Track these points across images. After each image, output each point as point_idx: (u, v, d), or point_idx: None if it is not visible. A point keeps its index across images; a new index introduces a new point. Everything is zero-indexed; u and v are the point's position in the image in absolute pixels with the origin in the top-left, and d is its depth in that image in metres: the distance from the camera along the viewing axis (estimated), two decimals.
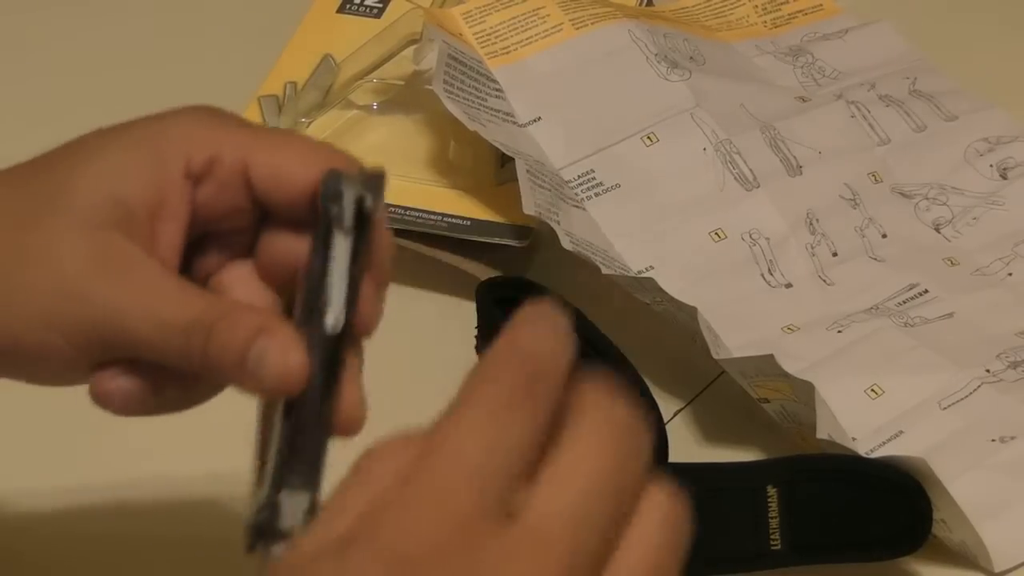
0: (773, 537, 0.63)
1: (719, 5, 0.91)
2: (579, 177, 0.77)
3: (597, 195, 0.77)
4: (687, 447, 0.71)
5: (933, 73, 0.88)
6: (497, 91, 0.79)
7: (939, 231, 0.80)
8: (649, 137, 0.79)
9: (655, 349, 0.74)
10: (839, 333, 0.73)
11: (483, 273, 0.76)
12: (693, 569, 0.65)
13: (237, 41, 0.94)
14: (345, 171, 0.49)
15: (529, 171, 0.75)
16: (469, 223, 0.78)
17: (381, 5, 0.91)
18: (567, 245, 0.73)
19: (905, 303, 0.75)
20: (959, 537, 0.65)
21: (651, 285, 0.71)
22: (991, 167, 0.83)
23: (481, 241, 0.78)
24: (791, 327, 0.73)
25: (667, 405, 0.72)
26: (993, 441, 0.69)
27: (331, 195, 0.48)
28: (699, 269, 0.75)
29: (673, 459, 0.67)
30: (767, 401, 0.70)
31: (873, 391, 0.70)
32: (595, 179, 0.77)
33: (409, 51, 0.85)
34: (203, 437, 0.62)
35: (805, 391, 0.66)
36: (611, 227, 0.76)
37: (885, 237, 0.79)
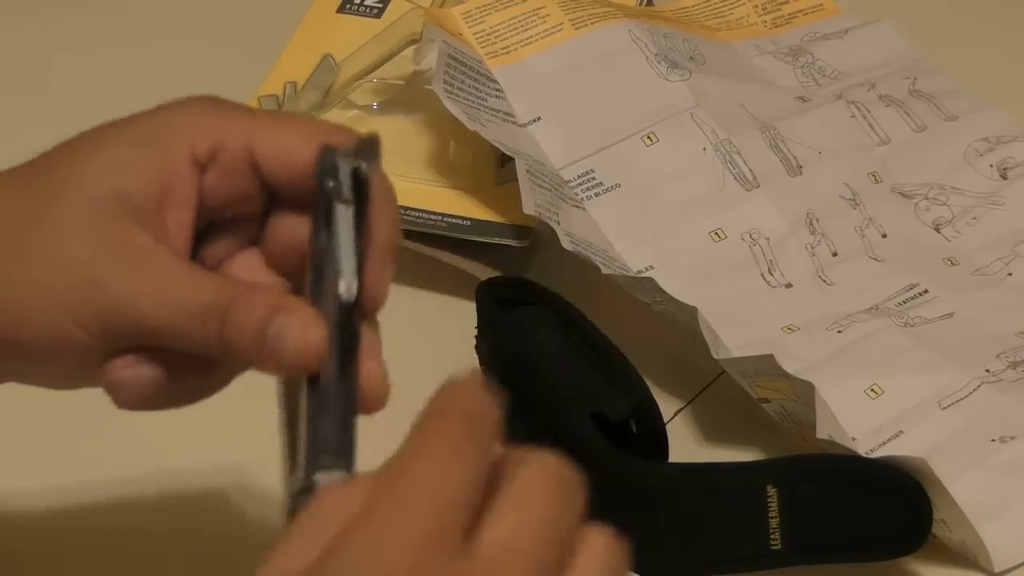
0: (773, 537, 0.63)
1: (719, 5, 0.91)
2: (579, 177, 0.77)
3: (597, 195, 0.77)
4: (687, 447, 0.71)
5: (933, 73, 0.88)
6: (497, 91, 0.79)
7: (939, 231, 0.80)
8: (649, 137, 0.79)
9: (655, 349, 0.74)
10: (839, 333, 0.73)
11: (483, 273, 0.76)
12: (693, 569, 0.65)
13: (237, 41, 0.95)
14: (338, 146, 0.49)
15: (529, 171, 0.75)
16: (469, 223, 0.78)
17: (381, 5, 0.91)
18: (567, 245, 0.73)
19: (905, 303, 0.75)
20: (959, 537, 0.65)
21: (651, 285, 0.71)
22: (991, 167, 0.83)
23: (481, 241, 0.78)
24: (791, 327, 0.73)
25: (667, 405, 0.72)
26: (993, 441, 0.69)
27: (327, 170, 0.48)
28: (699, 269, 0.75)
29: (673, 459, 0.67)
30: (767, 401, 0.70)
31: (873, 391, 0.70)
32: (595, 179, 0.77)
33: (409, 51, 0.85)
34: (205, 432, 0.63)
35: (805, 391, 0.66)
36: (611, 227, 0.76)
37: (885, 237, 0.79)
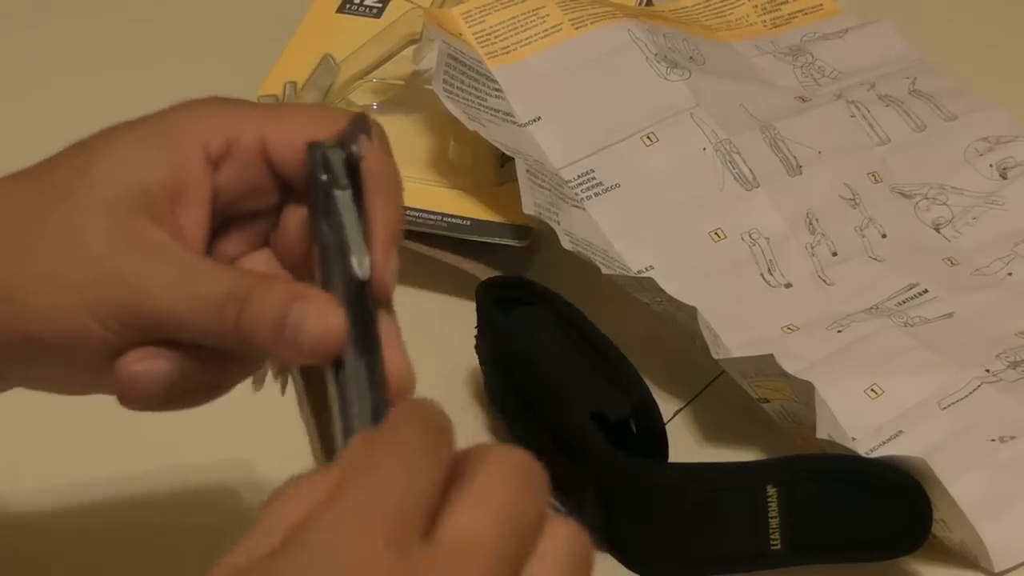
0: (773, 537, 0.63)
1: (719, 5, 0.91)
2: (579, 177, 0.77)
3: (597, 195, 0.77)
4: (687, 447, 0.71)
5: (933, 73, 0.88)
6: (497, 91, 0.79)
7: (939, 231, 0.80)
8: (649, 137, 0.79)
9: (655, 349, 0.74)
10: (839, 333, 0.73)
11: (483, 273, 0.76)
12: (693, 569, 0.65)
13: (237, 41, 0.95)
14: (324, 139, 0.49)
15: (529, 171, 0.75)
16: (469, 223, 0.78)
17: (381, 5, 0.91)
18: (567, 245, 0.73)
19: (905, 303, 0.75)
20: (959, 537, 0.65)
21: (651, 285, 0.71)
22: (991, 167, 0.83)
23: (481, 241, 0.78)
24: (791, 327, 0.73)
25: (667, 405, 0.72)
26: (993, 441, 0.69)
27: (319, 164, 0.48)
28: (699, 269, 0.75)
29: (673, 459, 0.67)
30: (767, 401, 0.70)
31: (873, 391, 0.70)
32: (595, 179, 0.77)
33: (409, 51, 0.85)
34: (209, 429, 0.62)
35: (805, 391, 0.66)
36: (611, 227, 0.76)
37: (885, 237, 0.79)
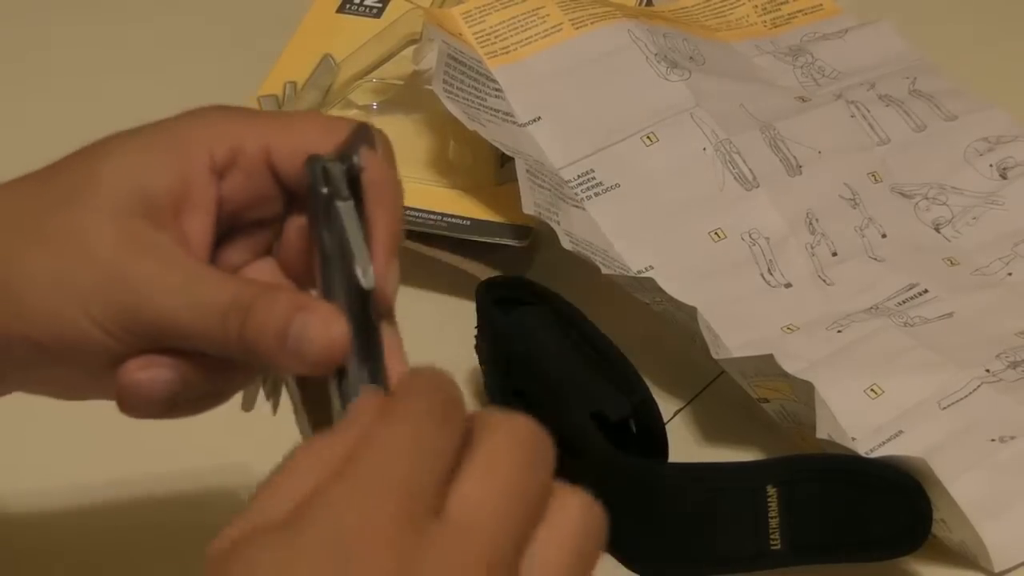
0: (773, 537, 0.63)
1: (719, 5, 0.91)
2: (579, 177, 0.77)
3: (597, 195, 0.77)
4: (687, 447, 0.71)
5: (933, 73, 0.88)
6: (497, 91, 0.79)
7: (939, 231, 0.80)
8: (649, 137, 0.79)
9: (655, 349, 0.74)
10: (839, 333, 0.73)
11: (483, 273, 0.76)
12: (693, 569, 0.65)
13: (237, 41, 0.95)
14: (323, 153, 0.49)
15: (529, 171, 0.75)
16: (469, 223, 0.78)
17: (381, 5, 0.91)
18: (567, 245, 0.73)
19: (905, 303, 0.75)
20: (959, 537, 0.65)
21: (651, 285, 0.71)
22: (991, 167, 0.83)
23: (481, 241, 0.78)
24: (791, 327, 0.73)
25: (667, 405, 0.72)
26: (993, 441, 0.69)
27: (320, 178, 0.48)
28: (699, 269, 0.75)
29: (673, 459, 0.67)
30: (767, 401, 0.70)
31: (873, 391, 0.70)
32: (595, 179, 0.77)
33: (409, 51, 0.85)
34: (207, 434, 0.62)
35: (805, 391, 0.66)
36: (611, 227, 0.76)
37: (885, 237, 0.79)
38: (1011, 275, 0.78)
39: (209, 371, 0.50)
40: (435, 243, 0.78)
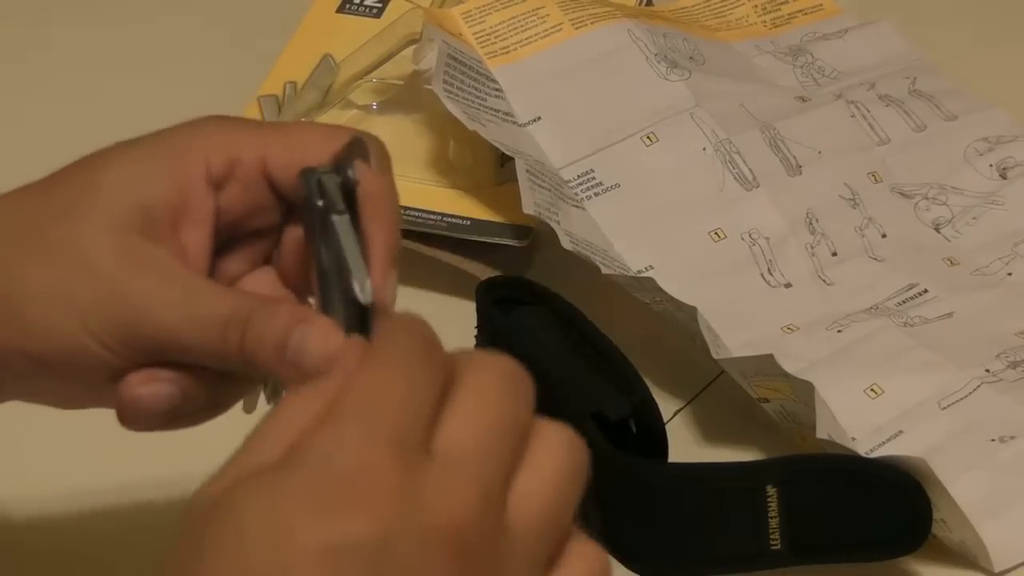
0: (773, 537, 0.63)
1: (719, 5, 0.91)
2: (579, 177, 0.77)
3: (597, 195, 0.77)
4: (687, 447, 0.71)
5: (933, 73, 0.88)
6: (497, 91, 0.79)
7: (939, 231, 0.80)
8: (649, 137, 0.79)
9: (655, 349, 0.74)
10: (839, 333, 0.73)
11: (483, 273, 0.76)
12: (693, 569, 0.65)
13: (237, 41, 0.95)
14: (317, 165, 0.49)
15: (529, 171, 0.75)
16: (469, 223, 0.78)
17: (381, 5, 0.91)
18: (567, 245, 0.73)
19: (905, 303, 0.75)
20: (959, 537, 0.65)
21: (651, 285, 0.71)
22: (991, 167, 0.83)
23: (481, 241, 0.78)
24: (791, 327, 0.73)
25: (667, 405, 0.72)
26: (993, 441, 0.69)
27: (315, 191, 0.48)
28: (699, 269, 0.75)
29: (673, 459, 0.67)
30: (767, 401, 0.70)
31: (873, 391, 0.70)
32: (595, 179, 0.77)
33: (409, 51, 0.85)
34: (207, 438, 0.62)
35: (805, 391, 0.66)
36: (611, 227, 0.76)
37: (885, 237, 0.79)
38: (1011, 275, 0.78)
39: (209, 383, 0.50)
40: (435, 243, 0.78)
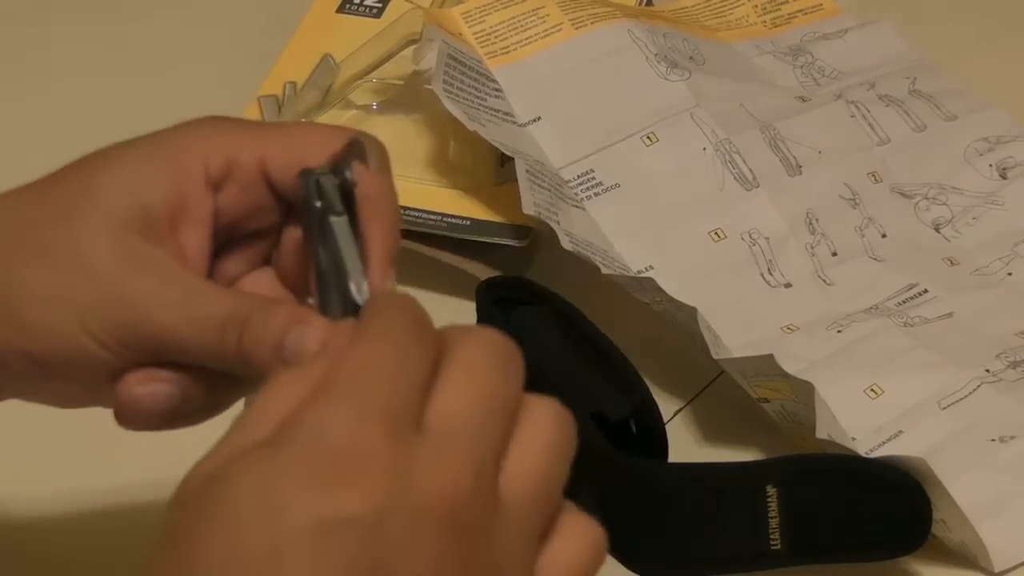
0: (773, 537, 0.63)
1: (719, 5, 0.91)
2: (579, 177, 0.77)
3: (597, 195, 0.77)
4: (687, 447, 0.71)
5: (933, 73, 0.88)
6: (497, 91, 0.79)
7: (939, 231, 0.80)
8: (649, 137, 0.79)
9: (655, 349, 0.74)
10: (839, 333, 0.73)
11: (483, 273, 0.76)
12: (693, 569, 0.65)
13: (237, 41, 0.94)
14: (316, 166, 0.49)
15: (529, 171, 0.75)
16: (469, 223, 0.78)
17: (381, 5, 0.91)
18: (567, 245, 0.73)
19: (905, 303, 0.75)
20: (959, 537, 0.65)
21: (651, 285, 0.71)
22: (991, 167, 0.83)
23: (481, 241, 0.78)
24: (791, 327, 0.73)
25: (667, 405, 0.72)
26: (993, 441, 0.69)
27: (313, 192, 0.48)
28: (699, 269, 0.75)
29: (673, 459, 0.67)
30: (767, 401, 0.70)
31: (873, 391, 0.70)
32: (595, 179, 0.77)
33: (409, 51, 0.85)
34: (207, 440, 0.63)
35: (805, 391, 0.66)
36: (611, 227, 0.76)
37: (885, 237, 0.79)
38: (1011, 275, 0.78)
39: (208, 384, 0.50)
40: (435, 243, 0.78)
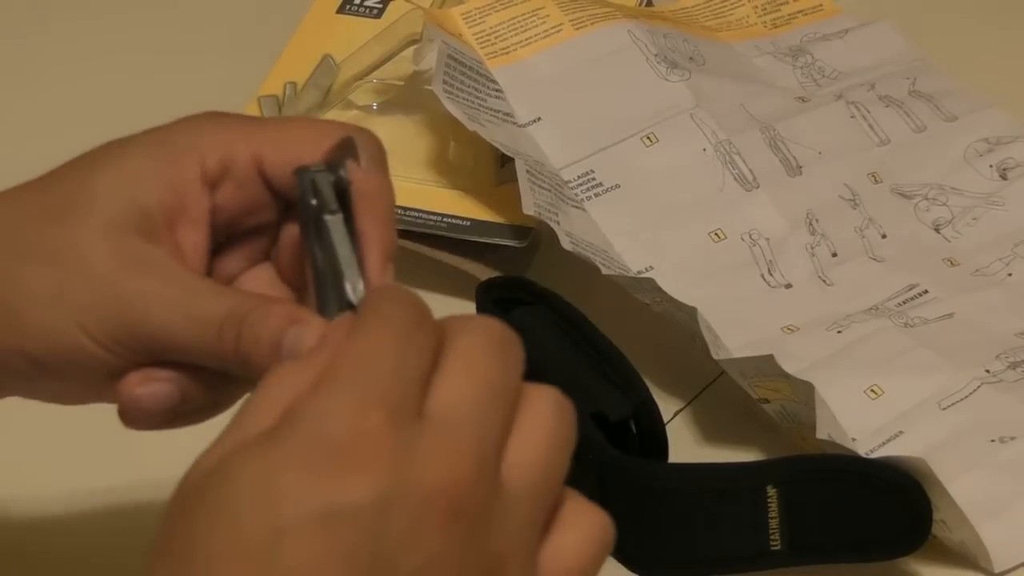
0: (773, 537, 0.63)
1: (719, 5, 0.91)
2: (579, 177, 0.77)
3: (597, 195, 0.77)
4: (687, 447, 0.71)
5: (933, 73, 0.88)
6: (497, 91, 0.79)
7: (939, 231, 0.80)
8: (649, 137, 0.79)
9: (655, 349, 0.74)
10: (839, 333, 0.73)
11: (483, 273, 0.76)
12: (693, 569, 0.65)
13: (237, 41, 0.95)
14: (311, 163, 0.49)
15: (529, 171, 0.75)
16: (469, 223, 0.78)
17: (381, 5, 0.91)
18: (567, 245, 0.73)
19: (905, 303, 0.75)
20: (959, 537, 0.65)
21: (651, 285, 0.71)
22: (991, 167, 0.83)
23: (481, 241, 0.78)
24: (791, 327, 0.73)
25: (667, 405, 0.72)
26: (993, 441, 0.69)
27: (307, 190, 0.48)
28: (699, 269, 0.75)
29: (673, 459, 0.67)
30: (767, 401, 0.70)
31: (873, 391, 0.70)
32: (595, 179, 0.77)
33: (409, 51, 0.85)
34: (210, 437, 0.63)
35: (805, 391, 0.66)
36: (611, 227, 0.76)
37: (885, 237, 0.79)
38: (1011, 276, 0.78)
39: (208, 383, 0.50)
40: (435, 243, 0.78)
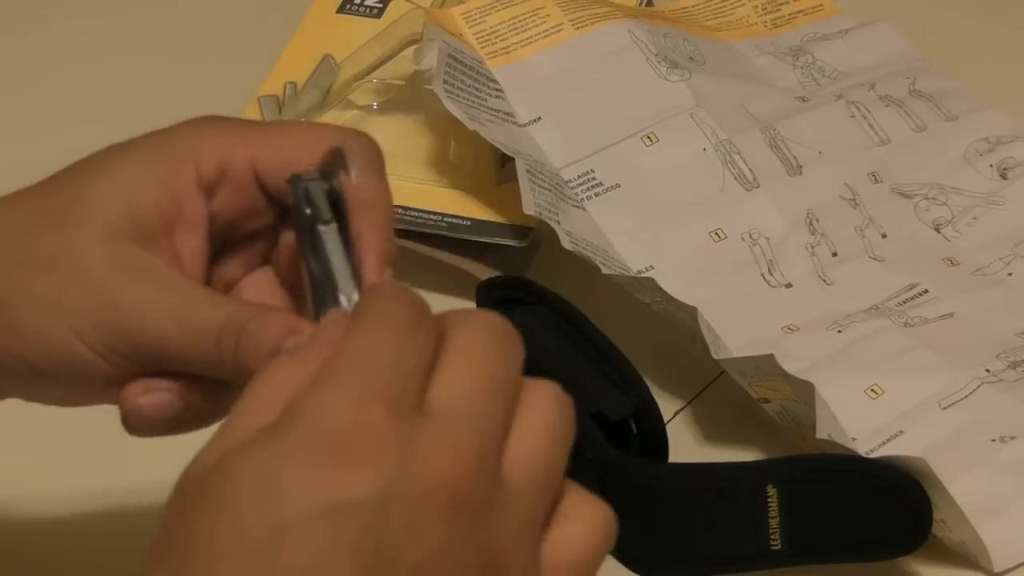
0: (773, 537, 0.63)
1: (719, 5, 0.91)
2: (579, 177, 0.77)
3: (597, 195, 0.77)
4: (687, 447, 0.71)
5: (933, 73, 0.88)
6: (497, 91, 0.79)
7: (939, 231, 0.80)
8: (649, 137, 0.79)
9: (655, 349, 0.74)
10: (839, 333, 0.73)
11: (483, 273, 0.76)
12: (693, 569, 0.65)
13: (237, 41, 0.95)
14: (303, 172, 0.49)
15: (529, 171, 0.75)
16: (469, 223, 0.78)
17: (381, 5, 0.91)
18: (567, 245, 0.73)
19: (905, 303, 0.75)
20: (959, 537, 0.65)
21: (651, 285, 0.71)
22: (991, 167, 0.83)
23: (481, 241, 0.78)
24: (791, 327, 0.73)
25: (667, 405, 0.72)
26: (993, 441, 0.69)
27: (300, 198, 0.48)
28: (699, 269, 0.75)
29: (673, 459, 0.67)
30: (767, 401, 0.70)
31: (873, 391, 0.70)
32: (595, 179, 0.77)
33: (409, 51, 0.85)
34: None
35: (805, 391, 0.66)
36: (611, 227, 0.76)
37: (885, 237, 0.79)
38: (1011, 275, 0.78)
39: (210, 391, 0.50)
40: (435, 243, 0.78)
